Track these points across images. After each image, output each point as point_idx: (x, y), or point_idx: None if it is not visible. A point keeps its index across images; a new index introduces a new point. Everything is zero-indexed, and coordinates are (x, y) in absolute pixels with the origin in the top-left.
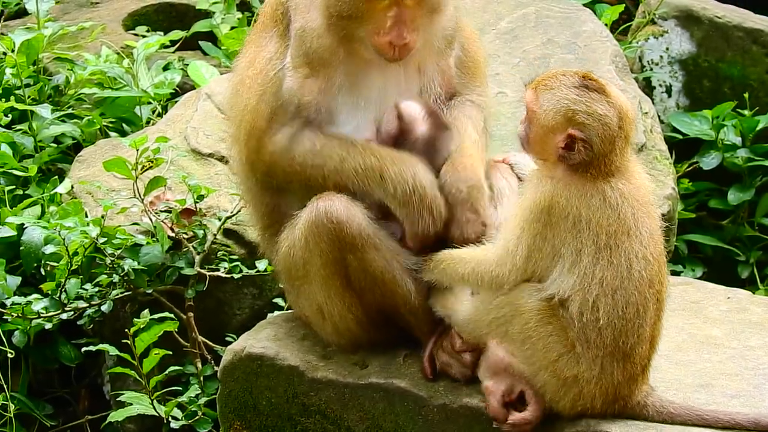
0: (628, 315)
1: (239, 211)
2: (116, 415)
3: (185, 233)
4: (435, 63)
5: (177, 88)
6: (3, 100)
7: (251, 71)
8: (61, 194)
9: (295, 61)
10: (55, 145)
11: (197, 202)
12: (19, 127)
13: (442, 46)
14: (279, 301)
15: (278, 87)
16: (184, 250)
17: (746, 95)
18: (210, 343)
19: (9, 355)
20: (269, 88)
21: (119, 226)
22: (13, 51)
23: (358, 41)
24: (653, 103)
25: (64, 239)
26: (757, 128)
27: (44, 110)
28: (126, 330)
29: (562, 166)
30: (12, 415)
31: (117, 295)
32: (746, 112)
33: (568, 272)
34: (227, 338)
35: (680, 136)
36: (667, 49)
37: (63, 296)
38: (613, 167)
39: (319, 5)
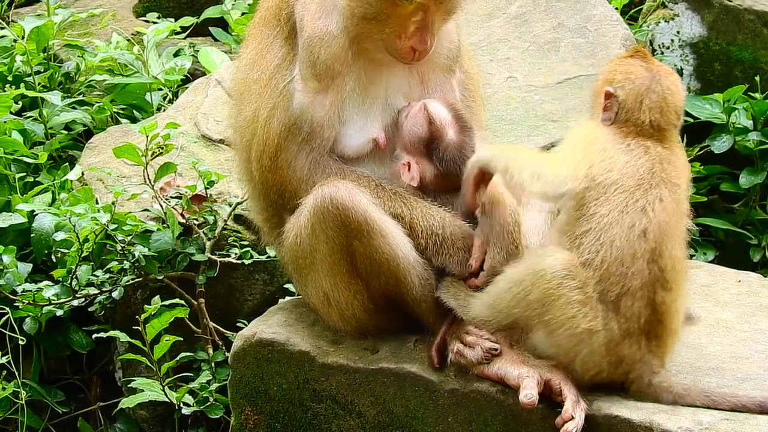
0: (610, 257)
1: None
2: (128, 402)
3: (196, 219)
4: (436, 75)
5: (188, 75)
6: (13, 87)
7: (255, 73)
8: (71, 181)
9: (304, 74)
10: (65, 132)
11: (207, 188)
12: (29, 114)
13: (445, 60)
14: (290, 286)
15: (289, 101)
16: (195, 236)
17: (757, 78)
18: (221, 329)
19: (20, 342)
20: (280, 102)
21: (130, 212)
22: (23, 38)
23: (371, 42)
24: None
25: (74, 226)
26: None
27: (55, 97)
28: (137, 316)
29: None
30: (23, 402)
31: (128, 281)
32: (757, 96)
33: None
34: (238, 324)
35: (691, 120)
36: (678, 32)
37: (74, 283)
38: (644, 128)
39: (341, 7)
